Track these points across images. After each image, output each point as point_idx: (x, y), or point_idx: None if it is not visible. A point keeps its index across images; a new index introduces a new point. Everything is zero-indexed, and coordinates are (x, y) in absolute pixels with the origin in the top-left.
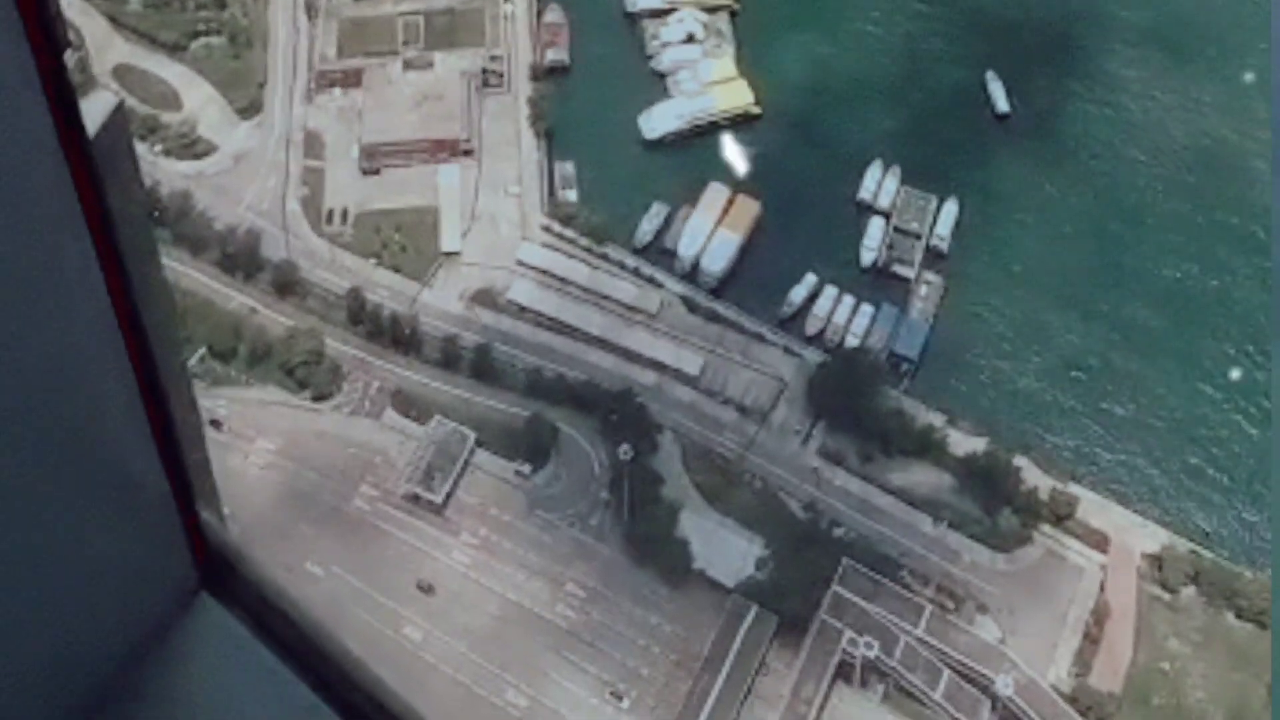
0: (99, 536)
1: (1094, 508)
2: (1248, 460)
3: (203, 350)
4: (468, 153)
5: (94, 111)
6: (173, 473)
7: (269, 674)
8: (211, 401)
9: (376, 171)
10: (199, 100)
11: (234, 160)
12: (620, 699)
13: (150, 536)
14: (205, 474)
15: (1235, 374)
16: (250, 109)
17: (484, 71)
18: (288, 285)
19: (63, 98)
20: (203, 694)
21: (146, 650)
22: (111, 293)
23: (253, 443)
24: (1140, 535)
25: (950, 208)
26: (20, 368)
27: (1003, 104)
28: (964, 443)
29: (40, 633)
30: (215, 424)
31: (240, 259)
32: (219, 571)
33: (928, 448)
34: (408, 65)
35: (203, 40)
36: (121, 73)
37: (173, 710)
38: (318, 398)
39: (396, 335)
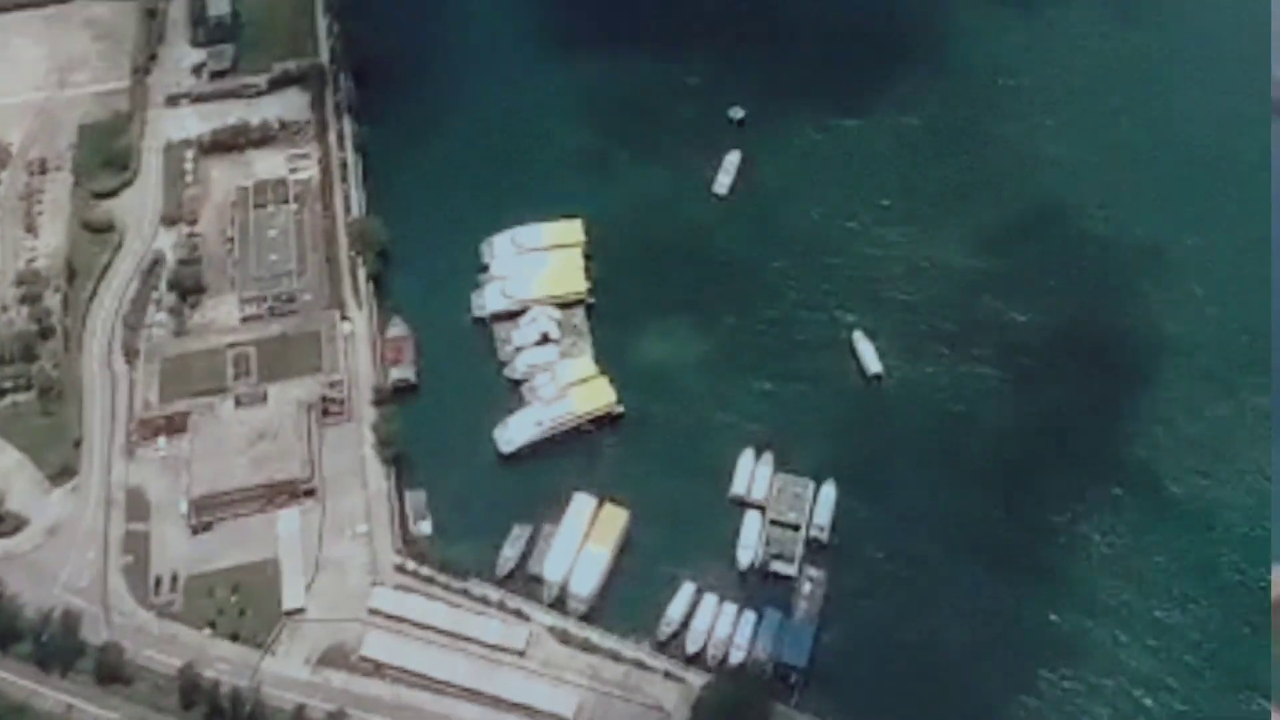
0: None
1: None
2: None
3: None
4: (309, 493)
5: None
6: None
7: None
8: None
9: (208, 527)
10: (6, 468)
11: (47, 534)
12: None
13: None
14: None
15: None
16: (64, 473)
17: (323, 400)
18: (112, 672)
19: None
20: None
21: None
22: None
23: None
24: None
25: (828, 491)
26: None
27: (874, 365)
28: None
29: None
30: None
31: (56, 648)
32: None
33: None
34: (239, 402)
35: (9, 399)
36: None
37: None
38: None
39: (237, 715)
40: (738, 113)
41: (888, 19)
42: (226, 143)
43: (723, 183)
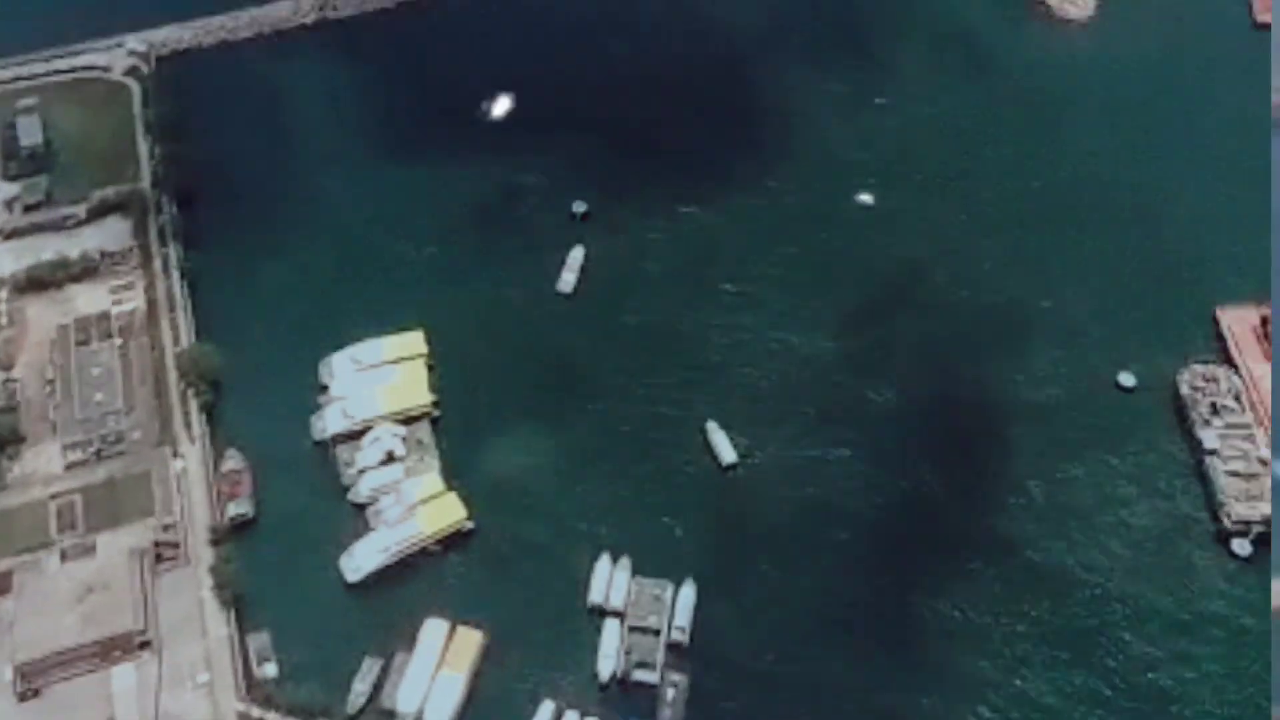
0: None
1: None
2: None
3: None
4: (144, 646)
5: None
6: None
7: None
8: None
9: (37, 693)
10: None
11: None
12: None
13: None
14: None
15: None
16: None
17: (156, 545)
18: None
19: None
20: None
21: None
22: None
23: None
24: None
25: (687, 592)
26: None
27: (729, 454)
28: None
29: None
30: None
31: None
32: None
33: None
34: (65, 555)
35: None
36: None
37: None
38: None
39: None
40: (580, 207)
41: (728, 100)
42: (44, 279)
43: (567, 280)
